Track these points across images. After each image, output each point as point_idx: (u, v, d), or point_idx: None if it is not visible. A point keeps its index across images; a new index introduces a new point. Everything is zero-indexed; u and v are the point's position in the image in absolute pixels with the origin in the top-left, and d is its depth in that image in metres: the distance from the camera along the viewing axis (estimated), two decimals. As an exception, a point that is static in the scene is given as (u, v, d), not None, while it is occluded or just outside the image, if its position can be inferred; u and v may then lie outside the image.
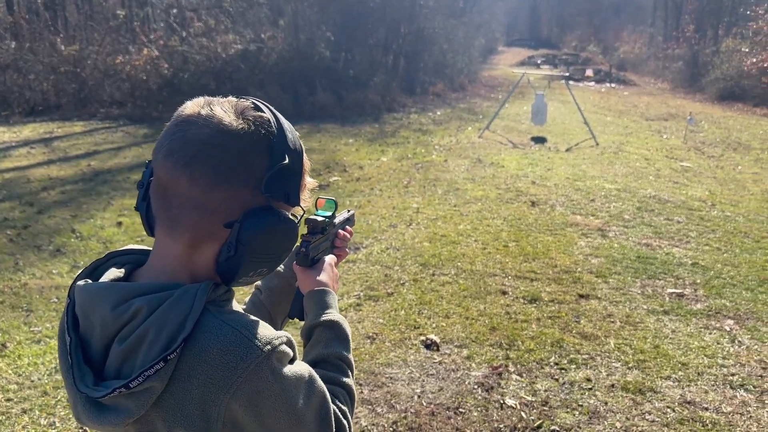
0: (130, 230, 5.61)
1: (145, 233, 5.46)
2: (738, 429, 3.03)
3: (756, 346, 3.89)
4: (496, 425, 3.05)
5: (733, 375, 3.54)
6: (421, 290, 4.56)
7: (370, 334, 3.89)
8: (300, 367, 0.88)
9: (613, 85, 26.24)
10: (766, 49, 20.33)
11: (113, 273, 0.89)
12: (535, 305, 4.38)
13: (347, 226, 1.33)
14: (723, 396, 3.32)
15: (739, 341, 3.95)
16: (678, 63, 27.81)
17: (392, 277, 4.80)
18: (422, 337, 3.86)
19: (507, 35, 42.25)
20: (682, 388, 3.39)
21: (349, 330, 1.13)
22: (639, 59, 34.10)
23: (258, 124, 0.85)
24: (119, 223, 5.75)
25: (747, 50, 21.90)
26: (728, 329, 4.13)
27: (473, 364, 3.58)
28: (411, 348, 3.75)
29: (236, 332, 0.81)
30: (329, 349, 1.08)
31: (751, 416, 3.14)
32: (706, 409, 3.20)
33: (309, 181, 0.97)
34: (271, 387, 0.82)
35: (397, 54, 16.94)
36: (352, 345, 1.13)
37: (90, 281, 0.87)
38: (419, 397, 3.28)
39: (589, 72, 27.29)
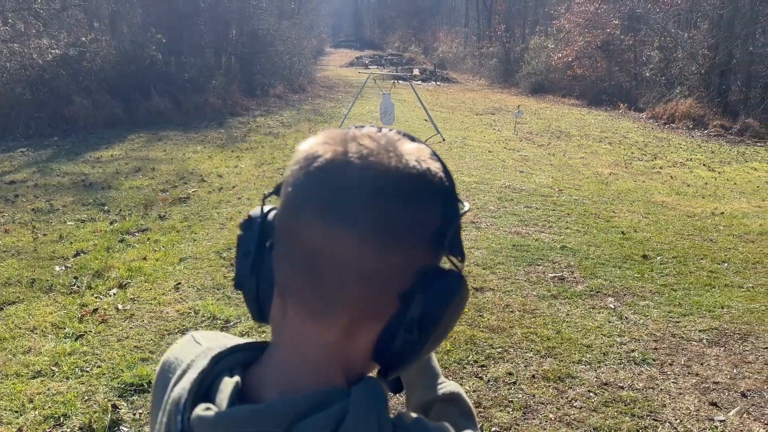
0: (-39, 270, 4.72)
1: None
2: (655, 403, 3.24)
3: (641, 321, 4.23)
4: (438, 435, 2.97)
5: (632, 351, 3.80)
6: (322, 303, 4.35)
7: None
8: None
9: (438, 83, 27.61)
10: (569, 45, 22.59)
11: (230, 384, 0.62)
12: (438, 305, 4.37)
13: None
14: (632, 373, 3.55)
15: (625, 317, 4.27)
16: (493, 60, 29.97)
17: (287, 292, 4.53)
18: (338, 353, 3.67)
19: (333, 36, 42.76)
20: (595, 371, 3.56)
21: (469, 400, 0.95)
22: (457, 58, 36.28)
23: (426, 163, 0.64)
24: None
25: (552, 46, 24.20)
26: (612, 307, 4.44)
27: (398, 375, 3.46)
28: (330, 366, 3.54)
29: None
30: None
31: (661, 389, 3.38)
32: (622, 387, 3.39)
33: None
34: None
35: (231, 56, 16.31)
36: None
37: (211, 407, 0.60)
38: (353, 418, 3.10)
39: (416, 71, 28.45)
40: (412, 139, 0.66)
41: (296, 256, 0.61)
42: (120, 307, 4.24)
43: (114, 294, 4.45)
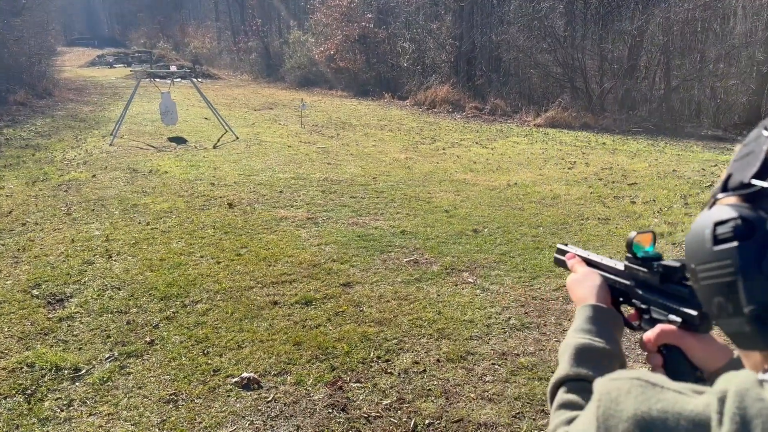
0: None
1: None
2: (553, 363, 3.46)
3: (501, 289, 4.49)
4: (376, 442, 2.82)
5: (509, 319, 4.01)
6: (185, 326, 3.86)
7: (168, 397, 3.12)
8: None
9: (200, 80, 26.36)
10: (329, 39, 23.15)
11: None
12: (313, 307, 4.16)
13: None
14: (519, 339, 3.75)
15: (487, 289, 4.50)
16: (252, 55, 29.53)
17: (138, 323, 3.92)
18: (233, 379, 3.28)
19: (65, 34, 38.14)
20: (488, 343, 3.69)
21: None
22: (212, 54, 34.98)
23: None
24: None
25: (313, 40, 24.60)
26: (471, 281, 4.65)
27: (308, 389, 3.21)
28: (230, 396, 3.15)
29: None
30: None
31: (550, 350, 3.63)
32: (518, 355, 3.56)
33: None
34: None
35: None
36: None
37: None
38: (281, 446, 2.80)
39: (174, 68, 26.78)
40: None
41: None
42: None
43: None
